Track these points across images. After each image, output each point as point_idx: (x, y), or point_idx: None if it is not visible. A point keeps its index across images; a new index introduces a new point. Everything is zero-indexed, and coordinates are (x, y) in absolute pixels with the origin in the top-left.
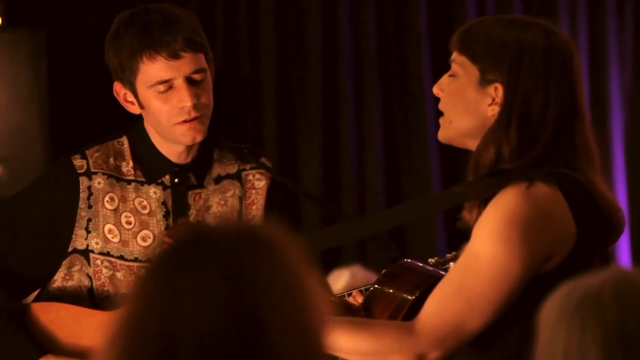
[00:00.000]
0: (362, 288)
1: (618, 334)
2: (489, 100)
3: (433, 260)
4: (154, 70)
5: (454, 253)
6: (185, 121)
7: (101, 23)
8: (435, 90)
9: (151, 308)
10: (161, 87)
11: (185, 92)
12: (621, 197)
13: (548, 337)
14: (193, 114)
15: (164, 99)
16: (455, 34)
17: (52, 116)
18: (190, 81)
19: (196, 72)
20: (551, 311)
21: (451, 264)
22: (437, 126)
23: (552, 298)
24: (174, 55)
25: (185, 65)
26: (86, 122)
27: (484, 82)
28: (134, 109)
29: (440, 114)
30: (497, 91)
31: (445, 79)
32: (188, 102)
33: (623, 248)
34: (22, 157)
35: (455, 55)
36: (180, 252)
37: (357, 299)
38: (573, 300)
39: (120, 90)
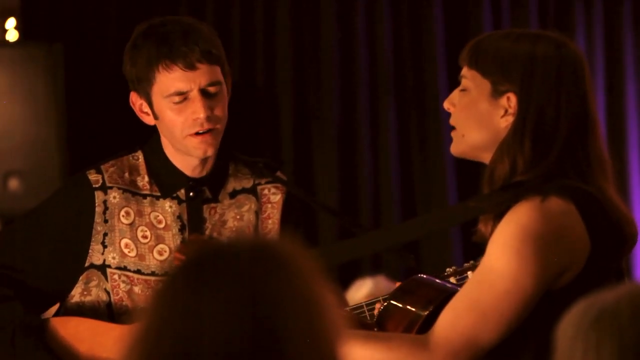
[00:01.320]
0: (381, 298)
1: (634, 351)
2: (502, 112)
3: (451, 270)
4: (169, 80)
5: (472, 262)
6: (197, 134)
7: (118, 36)
8: (446, 105)
9: (167, 324)
10: (176, 98)
11: (200, 104)
12: (637, 210)
13: (565, 354)
14: (206, 126)
15: (178, 110)
16: (465, 49)
17: (69, 130)
18: (205, 93)
19: (211, 84)
20: (567, 328)
21: (469, 272)
22: (451, 139)
23: (568, 315)
24: (191, 66)
25: (201, 76)
26: (103, 136)
27: (496, 93)
28: (149, 120)
29: (452, 128)
30: (509, 101)
31: (456, 93)
32: (201, 114)
33: (639, 262)
34: (39, 171)
35: (465, 71)
36: (196, 268)
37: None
38: (589, 317)
39: (136, 101)
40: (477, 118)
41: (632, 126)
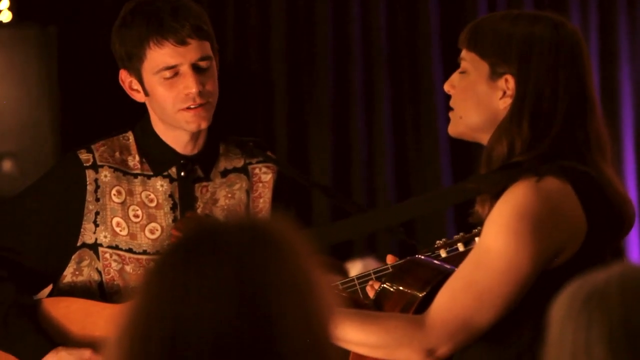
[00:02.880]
0: (372, 271)
1: (624, 330)
2: (500, 94)
3: (441, 242)
4: (160, 56)
5: (462, 234)
6: (189, 108)
7: (112, 18)
8: (447, 87)
9: (161, 303)
10: (167, 73)
11: (191, 79)
12: (631, 192)
13: (556, 334)
14: (198, 101)
15: (169, 85)
16: (464, 31)
17: (63, 112)
18: (196, 68)
19: (202, 59)
20: (559, 308)
21: (459, 244)
22: (447, 120)
23: (560, 295)
24: (181, 42)
25: (191, 51)
26: (97, 118)
27: (494, 75)
28: (139, 97)
29: (450, 108)
30: (508, 83)
31: (455, 76)
32: (193, 89)
33: (633, 243)
34: (33, 153)
35: (464, 53)
36: (190, 247)
37: (375, 286)
38: (580, 297)
39: (125, 79)
40: (476, 100)
41: (626, 111)
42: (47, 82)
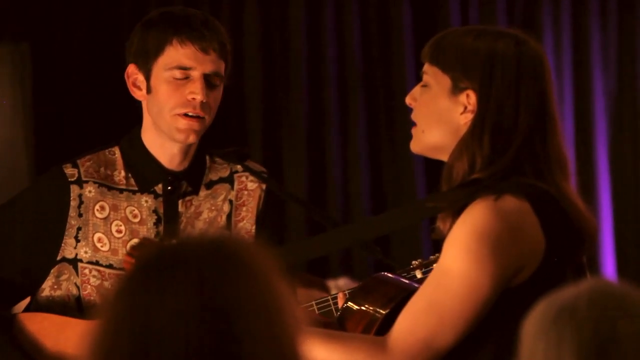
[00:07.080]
0: (347, 291)
1: (594, 346)
2: (461, 109)
3: (417, 262)
4: (179, 54)
5: (437, 255)
6: (186, 115)
7: (86, 35)
8: (408, 100)
9: (122, 325)
10: (178, 73)
11: (200, 86)
12: (605, 207)
13: (527, 352)
14: (198, 110)
15: (175, 86)
16: (427, 45)
17: (37, 128)
18: (207, 79)
19: (216, 74)
20: (530, 325)
21: (435, 265)
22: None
23: (531, 312)
24: (204, 50)
25: (209, 62)
26: (71, 134)
27: (455, 90)
28: (139, 95)
29: (413, 124)
30: (469, 98)
31: (417, 89)
32: (199, 96)
33: (608, 259)
34: (7, 170)
35: (426, 67)
36: (151, 268)
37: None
38: (550, 314)
39: (132, 74)
40: (437, 114)
41: (599, 125)
42: (20, 100)
